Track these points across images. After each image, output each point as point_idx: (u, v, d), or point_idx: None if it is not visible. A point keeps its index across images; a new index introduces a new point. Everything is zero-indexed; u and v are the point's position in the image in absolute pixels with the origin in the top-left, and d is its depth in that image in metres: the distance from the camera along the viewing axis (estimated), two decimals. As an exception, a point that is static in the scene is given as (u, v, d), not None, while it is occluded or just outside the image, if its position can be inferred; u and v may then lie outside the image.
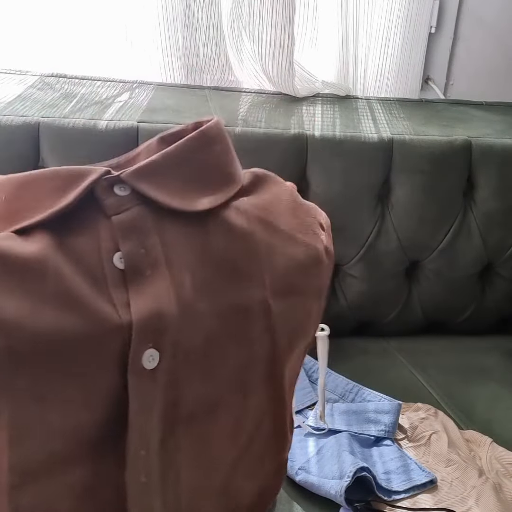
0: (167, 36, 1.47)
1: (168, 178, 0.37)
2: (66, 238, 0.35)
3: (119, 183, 0.37)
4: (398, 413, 1.06)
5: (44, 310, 0.31)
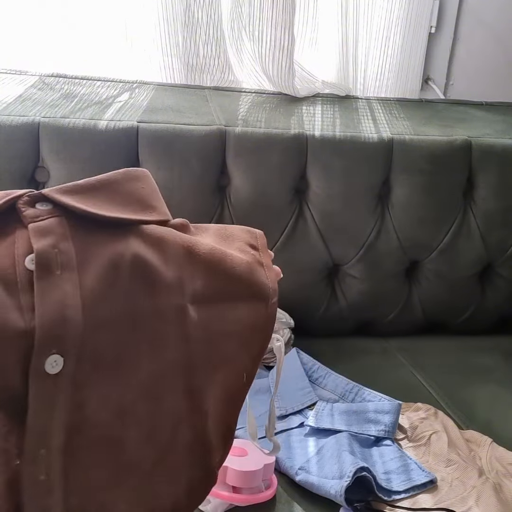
0: (167, 36, 1.47)
1: (90, 197, 0.39)
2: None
3: (42, 200, 0.38)
4: (398, 413, 1.06)
5: None
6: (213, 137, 1.26)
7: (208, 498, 0.88)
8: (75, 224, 0.38)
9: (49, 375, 0.33)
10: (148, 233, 0.39)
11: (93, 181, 0.41)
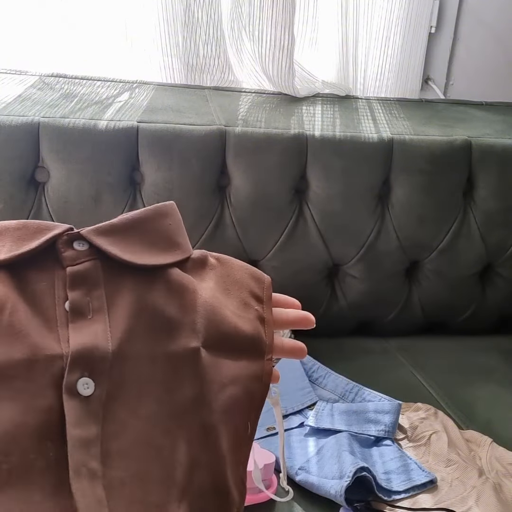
0: (167, 36, 1.47)
1: (123, 238, 0.43)
2: (26, 281, 0.40)
3: (79, 239, 0.42)
4: (398, 413, 1.06)
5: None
6: (213, 137, 1.26)
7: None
8: (108, 266, 0.42)
9: (82, 397, 0.37)
10: (171, 279, 0.43)
11: (127, 221, 0.44)
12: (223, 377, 0.42)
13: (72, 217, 1.23)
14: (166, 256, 0.44)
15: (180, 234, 0.47)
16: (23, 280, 0.40)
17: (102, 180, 1.23)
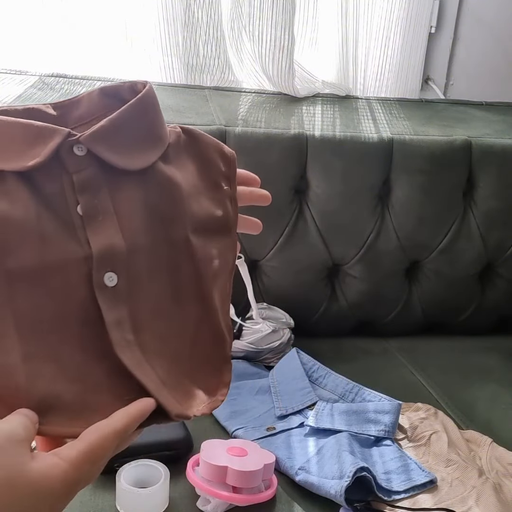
0: (167, 36, 1.47)
1: (116, 142, 0.48)
2: (39, 188, 0.45)
3: (78, 144, 0.46)
4: (398, 413, 1.06)
5: (25, 243, 0.43)
6: (213, 137, 1.26)
7: (208, 498, 0.88)
8: (107, 170, 0.47)
9: (108, 287, 0.45)
10: (160, 176, 0.50)
11: (117, 121, 0.48)
12: (208, 254, 0.52)
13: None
14: (153, 152, 0.50)
15: (160, 122, 0.52)
16: (36, 187, 0.45)
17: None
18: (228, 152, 0.57)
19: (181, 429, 0.99)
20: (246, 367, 1.20)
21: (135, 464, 0.90)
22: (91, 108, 0.52)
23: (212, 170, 0.56)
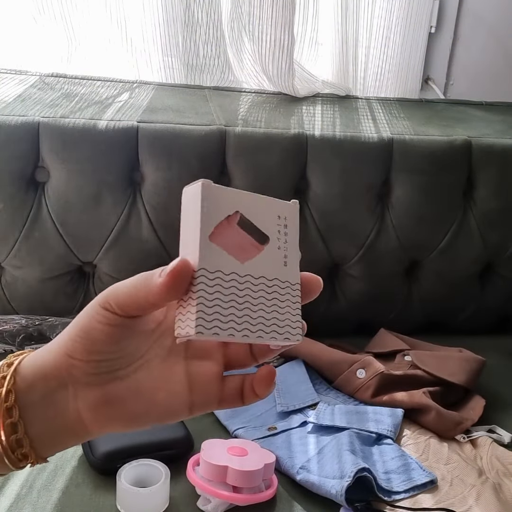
0: (167, 36, 1.47)
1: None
2: None
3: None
4: (400, 419, 1.06)
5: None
6: (213, 137, 1.26)
7: (209, 497, 0.88)
8: None
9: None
10: None
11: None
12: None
13: (72, 217, 1.23)
14: None
15: None
16: None
17: (102, 180, 1.23)
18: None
19: (181, 429, 0.99)
20: (246, 367, 1.20)
21: (136, 463, 0.90)
22: None
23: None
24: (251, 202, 0.42)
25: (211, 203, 0.42)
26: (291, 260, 0.46)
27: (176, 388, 0.42)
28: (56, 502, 0.88)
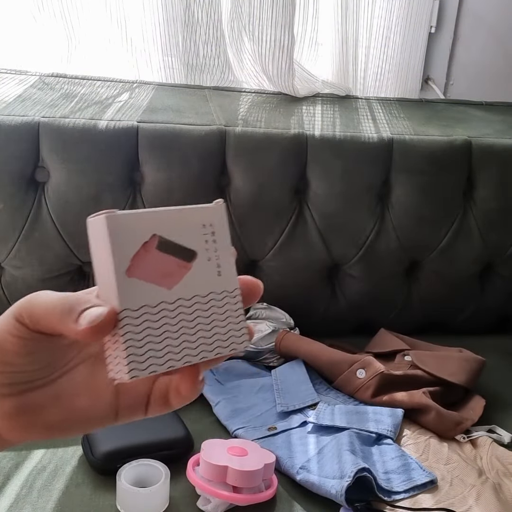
0: (167, 36, 1.47)
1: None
2: None
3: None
4: (400, 419, 1.06)
5: None
6: (213, 137, 1.26)
7: (209, 497, 0.88)
8: None
9: None
10: None
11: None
12: None
13: (72, 217, 1.23)
14: None
15: None
16: None
17: (102, 180, 1.23)
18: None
19: (181, 429, 0.99)
20: (246, 367, 1.20)
21: (136, 463, 0.90)
22: None
23: None
24: (169, 219, 0.38)
25: (120, 236, 0.37)
26: (225, 266, 0.41)
27: (101, 394, 0.40)
28: (56, 502, 0.88)
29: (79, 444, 0.97)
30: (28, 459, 0.94)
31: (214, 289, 0.39)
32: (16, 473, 0.92)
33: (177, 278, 0.38)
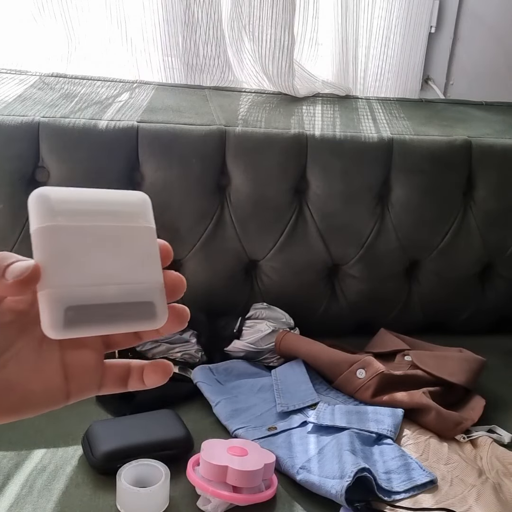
0: (167, 36, 1.47)
1: None
2: None
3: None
4: (400, 419, 1.06)
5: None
6: (213, 137, 1.26)
7: (209, 497, 0.88)
8: None
9: None
10: None
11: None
12: None
13: (72, 217, 1.23)
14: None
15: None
16: None
17: (102, 180, 1.22)
18: None
19: (181, 429, 0.99)
20: (246, 367, 1.20)
21: (136, 463, 0.90)
22: None
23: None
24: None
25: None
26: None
27: (51, 377, 0.40)
28: (56, 502, 0.88)
29: (79, 444, 0.97)
30: (28, 459, 0.94)
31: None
32: (16, 473, 0.92)
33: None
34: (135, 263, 0.39)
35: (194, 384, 1.13)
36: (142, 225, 0.40)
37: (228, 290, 1.31)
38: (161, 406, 1.04)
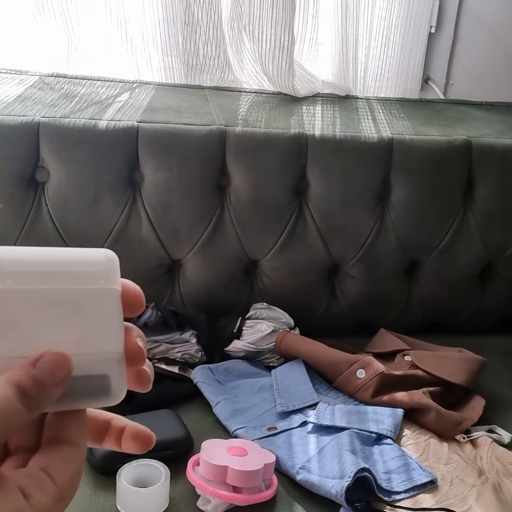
0: (167, 36, 1.47)
1: None
2: None
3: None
4: (400, 419, 1.06)
5: None
6: (213, 137, 1.26)
7: (209, 497, 0.88)
8: None
9: None
10: None
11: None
12: None
13: (72, 217, 1.23)
14: None
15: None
16: None
17: (102, 180, 1.23)
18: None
19: (181, 429, 0.99)
20: (246, 367, 1.20)
21: (136, 463, 0.90)
22: None
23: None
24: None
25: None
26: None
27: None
28: (56, 502, 0.87)
29: None
30: (28, 459, 0.94)
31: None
32: (16, 473, 0.92)
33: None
34: (90, 331, 0.35)
35: (194, 384, 1.13)
36: (103, 287, 0.36)
37: (228, 290, 1.31)
38: (161, 406, 1.04)
